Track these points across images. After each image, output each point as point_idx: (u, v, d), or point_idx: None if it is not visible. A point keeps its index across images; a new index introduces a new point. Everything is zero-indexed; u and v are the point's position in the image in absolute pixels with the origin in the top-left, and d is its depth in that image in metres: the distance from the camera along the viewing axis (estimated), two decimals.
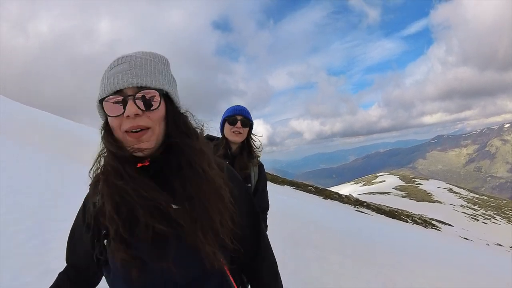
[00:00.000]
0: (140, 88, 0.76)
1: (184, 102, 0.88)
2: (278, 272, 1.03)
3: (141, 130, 0.77)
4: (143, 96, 0.76)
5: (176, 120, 0.83)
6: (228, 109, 1.95)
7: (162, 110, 0.80)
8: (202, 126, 0.91)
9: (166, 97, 0.82)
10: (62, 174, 4.75)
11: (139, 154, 0.78)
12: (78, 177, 0.93)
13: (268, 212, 2.08)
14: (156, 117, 0.78)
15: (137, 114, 0.75)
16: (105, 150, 0.83)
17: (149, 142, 0.78)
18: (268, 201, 2.07)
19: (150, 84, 0.77)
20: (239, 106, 1.94)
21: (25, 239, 2.80)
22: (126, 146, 0.78)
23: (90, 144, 0.92)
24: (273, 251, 1.05)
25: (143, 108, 0.75)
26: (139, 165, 0.79)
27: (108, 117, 0.78)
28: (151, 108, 0.76)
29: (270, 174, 22.00)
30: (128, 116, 0.75)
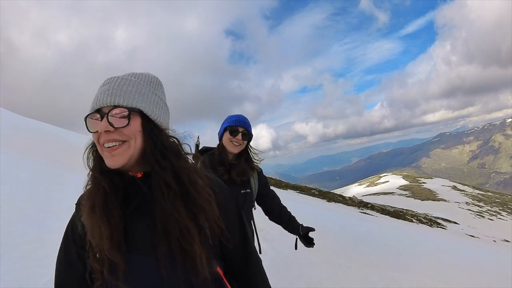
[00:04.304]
0: (115, 107, 0.82)
1: (197, 107, 0.92)
2: (266, 277, 1.06)
3: (117, 144, 0.83)
4: (115, 114, 0.82)
5: (152, 137, 0.86)
6: (231, 118, 1.91)
7: (134, 126, 0.84)
8: (198, 141, 0.99)
9: (143, 115, 0.86)
10: (63, 184, 4.80)
11: (114, 167, 0.83)
12: (79, 185, 0.97)
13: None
14: (128, 133, 0.83)
15: (107, 130, 0.81)
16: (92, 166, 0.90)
17: (122, 155, 0.83)
18: (279, 199, 2.18)
19: (122, 103, 0.82)
20: (241, 117, 1.92)
21: (31, 250, 2.84)
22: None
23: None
24: (278, 256, 1.06)
25: (115, 125, 0.81)
26: (131, 173, 0.87)
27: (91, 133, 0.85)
28: (123, 125, 0.82)
29: (273, 178, 21.96)
30: (103, 131, 0.81)
